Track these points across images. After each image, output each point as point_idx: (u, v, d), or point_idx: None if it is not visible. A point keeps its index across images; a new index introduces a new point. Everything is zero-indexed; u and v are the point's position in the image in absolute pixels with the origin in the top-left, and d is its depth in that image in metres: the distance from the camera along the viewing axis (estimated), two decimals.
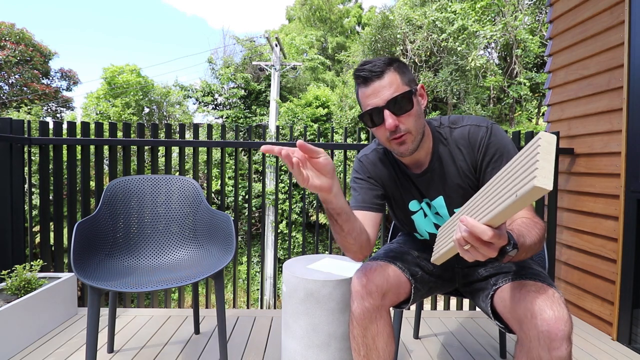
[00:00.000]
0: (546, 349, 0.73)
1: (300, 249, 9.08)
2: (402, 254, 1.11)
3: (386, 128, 0.88)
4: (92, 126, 2.19)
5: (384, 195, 1.08)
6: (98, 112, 12.07)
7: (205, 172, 5.32)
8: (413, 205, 1.07)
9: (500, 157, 0.92)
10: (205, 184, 3.36)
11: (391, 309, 1.13)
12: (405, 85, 0.89)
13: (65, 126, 2.12)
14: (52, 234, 2.16)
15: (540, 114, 11.33)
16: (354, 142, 2.30)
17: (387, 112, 0.87)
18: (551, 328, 0.73)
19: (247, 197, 4.51)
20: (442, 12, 10.11)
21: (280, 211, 10.01)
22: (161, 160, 5.83)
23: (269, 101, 12.41)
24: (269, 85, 12.52)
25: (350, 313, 0.97)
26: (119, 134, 5.94)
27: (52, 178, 2.11)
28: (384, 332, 0.95)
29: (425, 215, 1.07)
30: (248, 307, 2.59)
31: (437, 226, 1.08)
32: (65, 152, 2.12)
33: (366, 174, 1.09)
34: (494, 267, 1.04)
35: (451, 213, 1.02)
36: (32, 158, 3.40)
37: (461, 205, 1.00)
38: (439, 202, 1.02)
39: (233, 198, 5.89)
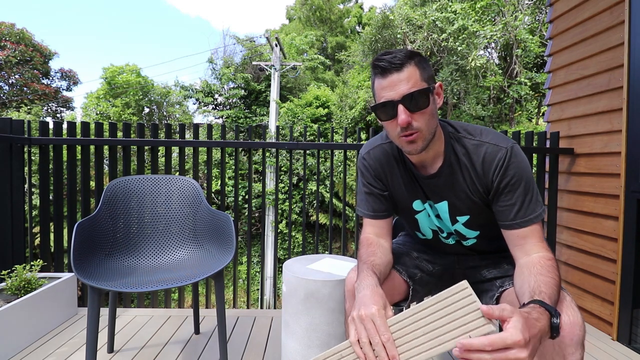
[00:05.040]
0: (561, 354, 0.71)
1: (300, 249, 9.08)
2: (401, 255, 1.11)
3: (398, 123, 0.85)
4: (92, 126, 2.19)
5: (390, 195, 1.06)
6: (98, 112, 12.07)
7: (206, 172, 5.31)
8: (417, 204, 1.04)
9: (517, 182, 0.87)
10: (205, 184, 3.36)
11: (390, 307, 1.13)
12: (424, 82, 0.85)
13: (65, 126, 2.12)
14: (52, 234, 2.16)
15: (540, 114, 11.34)
16: (354, 142, 2.30)
17: (401, 107, 0.83)
18: (566, 333, 0.71)
19: (247, 197, 4.51)
20: (442, 12, 10.10)
21: (280, 211, 10.01)
22: (161, 160, 5.82)
23: (269, 101, 12.41)
24: (269, 85, 12.51)
25: (345, 312, 0.97)
26: (119, 134, 5.94)
27: (52, 178, 2.11)
28: None
29: (429, 215, 1.06)
30: (248, 307, 2.59)
31: (438, 228, 1.07)
32: (65, 152, 2.12)
33: (372, 173, 1.05)
34: (497, 269, 1.04)
35: (453, 219, 1.01)
36: (32, 158, 3.40)
37: (465, 214, 0.98)
38: (443, 206, 1.00)
39: (233, 198, 5.89)
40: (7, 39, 12.97)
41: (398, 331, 0.66)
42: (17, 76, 13.28)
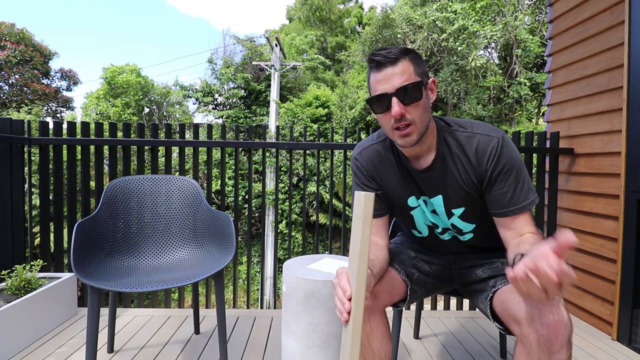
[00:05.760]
0: (546, 352, 0.72)
1: (300, 249, 9.08)
2: (399, 255, 1.11)
3: (392, 115, 0.88)
4: (92, 126, 2.20)
5: (384, 194, 1.08)
6: (98, 112, 12.07)
7: (205, 172, 5.31)
8: (411, 201, 1.06)
9: (509, 170, 0.91)
10: (205, 184, 3.36)
11: (391, 308, 1.13)
12: (417, 76, 0.89)
13: (65, 126, 2.12)
14: (52, 234, 2.16)
15: (540, 114, 11.34)
16: (354, 142, 2.30)
17: (395, 100, 0.86)
18: (551, 332, 0.72)
19: (247, 197, 4.51)
20: (442, 12, 10.10)
21: (280, 211, 10.01)
22: (161, 160, 5.83)
23: (269, 101, 12.42)
24: (269, 85, 12.52)
25: None
26: (119, 134, 5.94)
27: (52, 178, 2.11)
28: (378, 332, 0.94)
29: (424, 212, 1.07)
30: (248, 307, 2.59)
31: (433, 224, 1.08)
32: (65, 152, 2.12)
33: (365, 173, 1.07)
34: (491, 268, 1.04)
35: (449, 213, 1.02)
36: (32, 158, 3.40)
37: (460, 206, 1.00)
38: (437, 201, 1.01)
39: (233, 198, 5.89)
40: (7, 39, 12.97)
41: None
42: (17, 76, 13.28)
